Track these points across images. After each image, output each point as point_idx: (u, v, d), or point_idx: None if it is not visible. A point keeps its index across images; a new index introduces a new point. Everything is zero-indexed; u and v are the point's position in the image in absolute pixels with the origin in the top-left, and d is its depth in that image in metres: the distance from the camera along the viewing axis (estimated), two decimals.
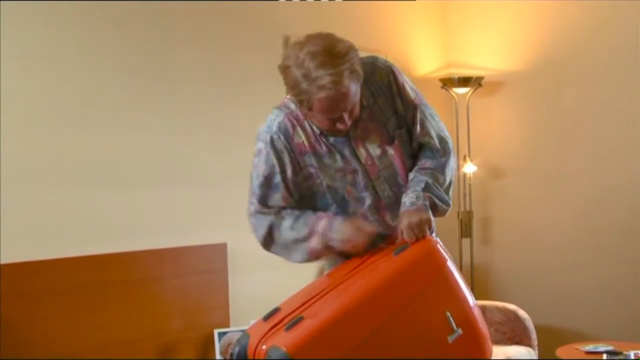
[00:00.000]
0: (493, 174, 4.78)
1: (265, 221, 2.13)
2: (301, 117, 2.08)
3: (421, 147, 2.17)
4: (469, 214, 4.86)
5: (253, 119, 3.91)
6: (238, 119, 3.87)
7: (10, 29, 3.06)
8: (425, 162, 2.14)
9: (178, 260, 3.54)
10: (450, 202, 2.15)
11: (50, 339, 3.06)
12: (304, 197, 2.16)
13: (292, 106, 2.09)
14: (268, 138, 2.08)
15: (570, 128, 4.59)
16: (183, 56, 3.67)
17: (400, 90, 2.12)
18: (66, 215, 3.22)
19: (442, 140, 2.16)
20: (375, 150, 2.11)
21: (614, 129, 4.40)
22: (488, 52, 4.93)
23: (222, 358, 3.48)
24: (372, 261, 1.98)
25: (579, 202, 4.53)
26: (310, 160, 2.09)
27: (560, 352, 3.79)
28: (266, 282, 3.85)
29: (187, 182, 3.65)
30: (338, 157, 2.09)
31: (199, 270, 3.60)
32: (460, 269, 4.81)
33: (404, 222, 2.00)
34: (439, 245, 2.00)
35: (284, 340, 1.75)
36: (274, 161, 2.08)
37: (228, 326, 3.64)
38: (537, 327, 4.21)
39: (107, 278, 3.28)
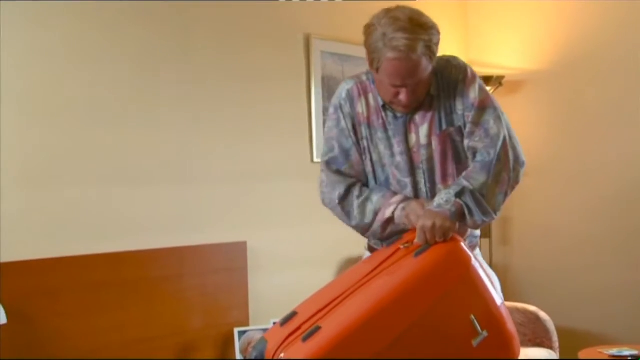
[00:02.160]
0: None
1: (338, 183, 2.17)
2: (368, 87, 2.16)
3: (474, 155, 2.10)
4: None
5: (273, 117, 3.94)
6: (258, 117, 3.86)
7: (27, 25, 3.06)
8: (472, 167, 2.07)
9: (198, 258, 3.52)
10: (493, 213, 2.03)
11: (70, 337, 3.05)
12: None
13: (364, 77, 2.19)
14: (338, 104, 2.20)
15: (591, 128, 4.54)
16: (202, 53, 3.65)
17: (464, 90, 2.12)
18: (86, 213, 3.21)
19: (493, 141, 2.07)
20: (423, 139, 2.13)
21: (635, 129, 4.34)
22: (509, 51, 4.89)
23: (242, 357, 3.46)
24: (391, 262, 1.93)
25: (600, 202, 4.48)
26: (365, 132, 2.17)
27: (583, 354, 3.74)
28: (286, 280, 3.83)
29: (206, 179, 3.64)
30: (391, 134, 2.14)
31: (218, 269, 3.59)
32: None
33: (419, 223, 1.96)
34: (462, 245, 1.93)
35: (301, 353, 1.70)
36: (344, 125, 2.18)
37: (248, 325, 3.63)
38: (558, 329, 4.16)
39: (126, 276, 3.27)
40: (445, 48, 4.97)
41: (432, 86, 2.12)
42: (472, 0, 5.05)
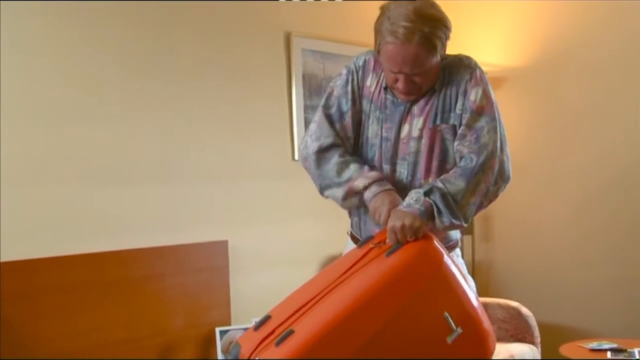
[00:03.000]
0: None
1: (326, 136, 2.16)
2: (379, 66, 2.16)
3: (460, 158, 2.08)
4: None
5: (253, 115, 3.92)
6: (239, 116, 3.85)
7: (11, 25, 3.03)
8: (453, 171, 2.05)
9: (179, 257, 3.51)
10: (462, 219, 1.99)
11: (50, 338, 3.03)
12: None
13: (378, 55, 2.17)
14: (352, 67, 2.20)
15: (572, 124, 4.57)
16: (185, 52, 3.64)
17: (467, 90, 2.09)
18: (66, 212, 3.19)
19: (480, 149, 2.04)
20: (415, 132, 2.11)
21: (616, 126, 4.38)
22: (489, 48, 4.91)
23: (223, 357, 3.45)
24: (364, 262, 1.92)
25: (581, 199, 4.51)
26: (367, 106, 2.17)
27: (564, 349, 3.77)
28: (267, 279, 3.83)
29: (187, 179, 3.63)
30: (387, 117, 2.13)
31: (200, 268, 3.58)
32: None
33: (389, 223, 1.94)
34: (434, 242, 1.91)
35: (274, 357, 1.69)
36: (349, 88, 2.18)
37: (229, 324, 3.62)
38: (540, 325, 4.18)
39: (107, 276, 3.26)
40: None
41: (438, 81, 2.11)
42: None
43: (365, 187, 2.06)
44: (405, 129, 2.12)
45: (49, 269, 3.07)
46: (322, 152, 2.15)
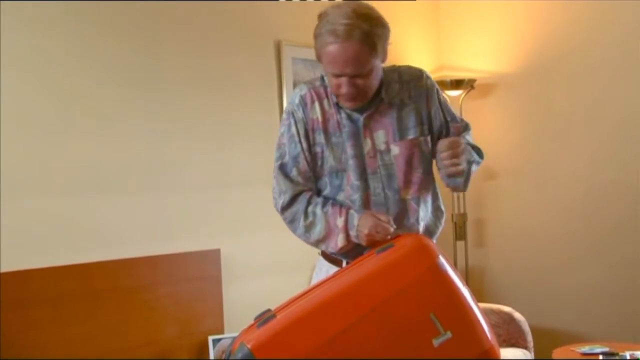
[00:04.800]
0: (486, 176, 4.77)
1: (285, 191, 2.17)
2: (323, 92, 2.14)
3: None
4: (463, 216, 4.85)
5: (244, 124, 3.94)
6: (229, 125, 3.86)
7: None
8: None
9: (171, 267, 3.52)
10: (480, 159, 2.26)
11: (43, 348, 3.04)
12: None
13: (317, 83, 2.17)
14: (290, 109, 2.17)
15: (562, 129, 4.59)
16: (173, 62, 3.66)
17: (442, 105, 2.21)
18: (57, 223, 3.20)
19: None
20: (381, 145, 2.13)
21: (605, 130, 4.40)
22: (480, 54, 4.93)
23: None
24: (358, 263, 1.93)
25: (573, 203, 4.53)
26: (320, 137, 2.14)
27: (556, 353, 3.78)
28: (260, 287, 3.83)
29: (179, 188, 3.64)
30: (344, 137, 2.12)
31: (192, 277, 3.58)
32: None
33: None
34: (429, 241, 1.92)
35: (251, 337, 1.73)
36: (294, 131, 2.16)
37: (222, 333, 3.63)
38: (532, 329, 4.20)
39: (100, 286, 3.26)
40: (418, 51, 5.06)
41: (388, 90, 2.13)
42: (444, 3, 5.09)
43: (346, 239, 2.07)
44: (367, 143, 2.12)
45: (41, 280, 3.08)
46: (285, 210, 2.17)
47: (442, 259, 1.87)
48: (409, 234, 2.03)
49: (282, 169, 2.18)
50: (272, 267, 3.95)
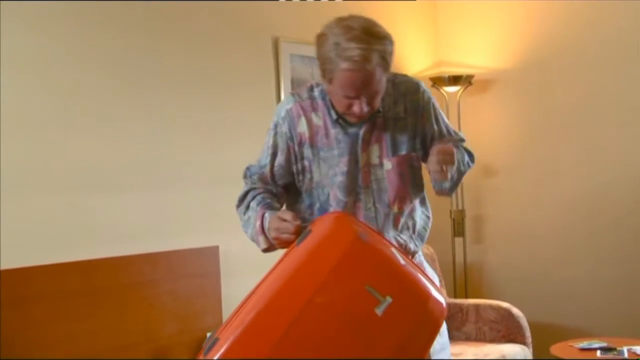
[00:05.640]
0: (485, 172, 4.79)
1: (244, 187, 2.22)
2: (311, 105, 2.10)
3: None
4: (461, 212, 4.86)
5: (243, 122, 3.94)
6: (228, 122, 3.87)
7: None
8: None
9: (170, 264, 3.52)
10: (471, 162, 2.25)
11: (43, 345, 3.04)
12: (290, 191, 2.19)
13: (305, 95, 2.12)
14: (275, 121, 2.15)
15: (560, 125, 4.60)
16: (171, 60, 3.65)
17: (438, 120, 2.19)
18: (56, 221, 3.20)
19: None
20: (374, 159, 2.10)
21: (603, 126, 4.41)
22: (478, 50, 4.93)
23: None
24: (281, 260, 1.91)
25: (571, 199, 4.54)
26: (307, 152, 2.10)
27: (554, 349, 3.80)
28: (256, 284, 3.83)
29: (178, 185, 3.64)
30: (337, 152, 2.08)
31: (191, 274, 3.59)
32: (454, 268, 4.81)
33: (437, 162, 1.99)
34: (342, 218, 1.91)
35: None
36: (271, 142, 2.16)
37: None
38: (531, 325, 4.21)
39: (99, 283, 3.27)
40: (416, 48, 5.05)
41: (394, 108, 2.11)
42: (441, 0, 5.10)
43: (265, 241, 2.11)
44: (363, 157, 2.09)
45: (41, 277, 3.08)
46: (237, 206, 2.22)
47: (360, 229, 1.86)
48: (323, 216, 2.00)
49: (247, 169, 2.22)
50: (269, 263, 3.92)
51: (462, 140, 2.27)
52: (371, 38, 1.91)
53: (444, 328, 2.17)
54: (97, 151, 3.35)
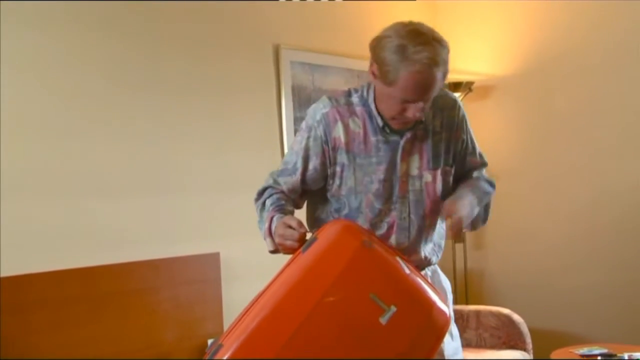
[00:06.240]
0: None
1: (265, 184, 2.22)
2: (348, 111, 2.08)
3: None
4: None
5: (244, 128, 3.95)
6: (229, 128, 3.88)
7: None
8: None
9: (171, 270, 3.53)
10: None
11: (45, 352, 3.04)
12: (316, 195, 2.19)
13: (343, 100, 2.10)
14: (310, 124, 2.11)
15: (561, 131, 4.61)
16: (172, 65, 3.67)
17: (469, 137, 2.22)
18: (57, 226, 3.21)
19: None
20: (413, 170, 2.09)
21: (604, 132, 4.42)
22: (478, 57, 4.95)
23: None
24: (286, 268, 1.92)
25: (572, 206, 4.54)
26: (342, 157, 2.08)
27: (555, 355, 3.79)
28: (259, 290, 3.83)
29: (178, 191, 3.65)
30: (375, 160, 2.07)
31: (192, 280, 3.59)
32: (454, 274, 4.81)
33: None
34: (348, 226, 1.91)
35: None
36: (303, 145, 2.11)
37: None
38: (531, 331, 4.21)
39: (100, 290, 3.27)
40: None
41: (433, 121, 2.11)
42: (442, 5, 5.10)
43: (272, 244, 2.12)
44: (402, 167, 2.08)
45: (42, 283, 3.09)
46: (256, 200, 2.22)
47: (366, 238, 1.87)
48: (330, 222, 2.00)
49: (274, 173, 2.20)
50: (270, 269, 3.90)
51: (485, 164, 2.29)
52: (437, 43, 1.94)
53: (456, 332, 2.19)
54: (97, 156, 3.36)
